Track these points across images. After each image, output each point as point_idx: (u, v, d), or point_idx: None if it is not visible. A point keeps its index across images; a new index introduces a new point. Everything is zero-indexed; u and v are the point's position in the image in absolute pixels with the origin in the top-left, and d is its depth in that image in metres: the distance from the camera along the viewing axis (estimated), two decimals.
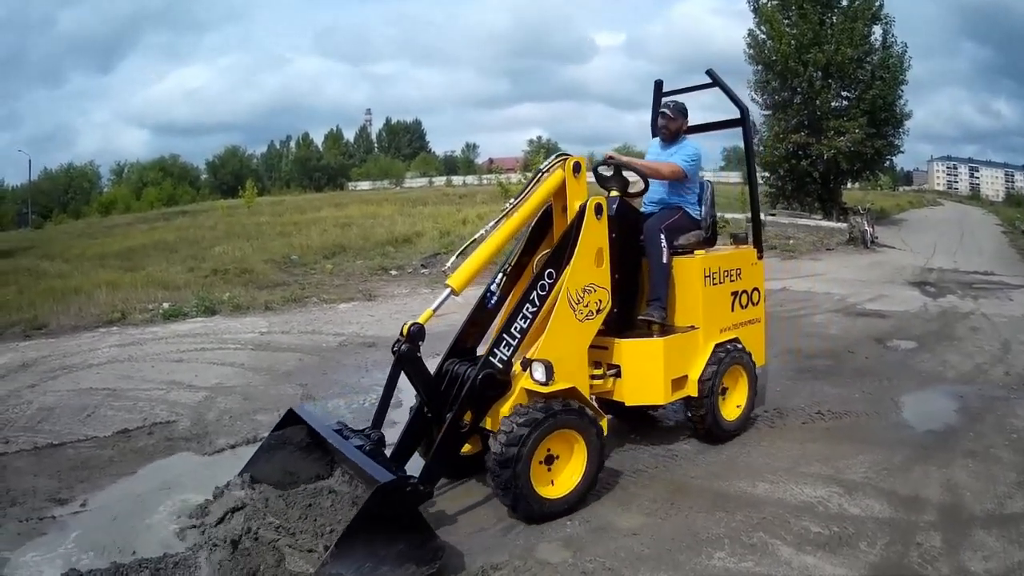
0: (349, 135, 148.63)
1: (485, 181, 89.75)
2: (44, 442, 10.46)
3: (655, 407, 8.25)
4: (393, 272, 24.91)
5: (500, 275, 7.18)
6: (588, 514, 6.60)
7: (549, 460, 6.42)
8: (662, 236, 7.64)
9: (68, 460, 9.77)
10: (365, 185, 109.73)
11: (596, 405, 6.80)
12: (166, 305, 20.54)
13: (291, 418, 7.27)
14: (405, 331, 6.28)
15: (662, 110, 8.26)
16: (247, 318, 18.63)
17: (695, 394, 7.72)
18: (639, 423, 8.68)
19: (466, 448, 6.89)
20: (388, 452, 6.75)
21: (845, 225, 39.40)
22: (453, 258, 6.85)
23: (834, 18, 47.17)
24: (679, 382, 7.64)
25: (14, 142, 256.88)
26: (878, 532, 6.06)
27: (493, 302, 7.13)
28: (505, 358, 6.52)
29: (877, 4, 47.06)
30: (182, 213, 59.47)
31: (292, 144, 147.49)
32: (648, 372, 7.39)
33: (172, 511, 7.38)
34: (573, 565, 5.70)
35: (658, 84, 9.24)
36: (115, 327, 18.80)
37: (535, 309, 6.63)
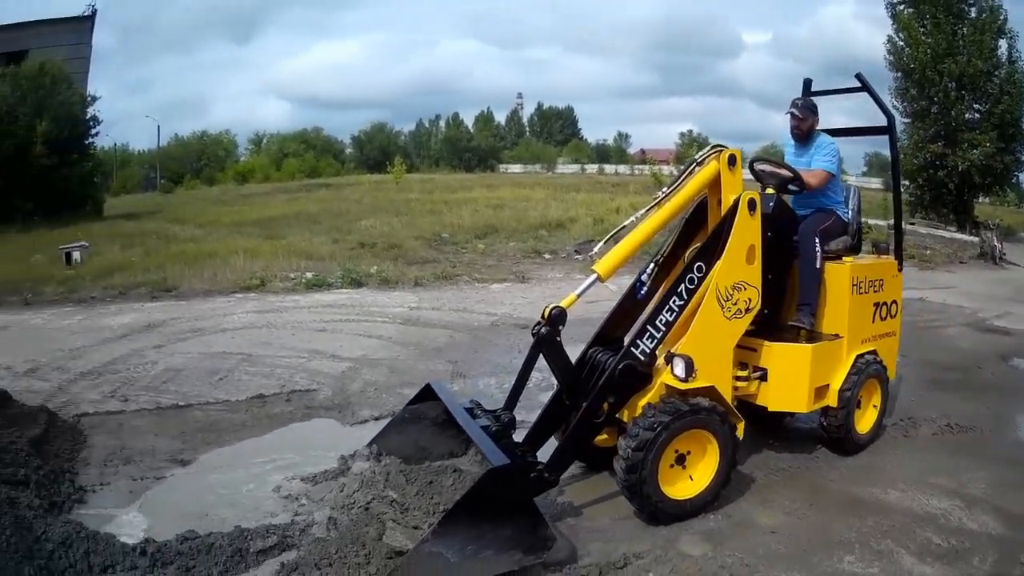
0: (500, 118, 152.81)
1: (637, 171, 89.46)
2: (168, 403, 10.65)
3: (791, 414, 8.44)
4: (547, 256, 25.26)
5: (652, 265, 7.38)
6: (731, 509, 6.94)
7: (681, 459, 6.66)
8: (817, 240, 7.80)
9: (194, 422, 9.90)
10: (516, 168, 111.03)
11: (734, 408, 6.95)
12: (309, 275, 20.78)
13: (427, 393, 7.54)
14: (546, 314, 6.53)
15: (790, 110, 8.38)
16: (395, 292, 19.12)
17: (834, 404, 7.87)
18: (774, 427, 8.89)
19: (603, 439, 7.07)
20: (521, 436, 7.08)
21: (977, 239, 38.45)
22: (601, 244, 7.06)
23: (964, 29, 46.59)
24: (821, 391, 7.80)
25: (143, 108, 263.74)
26: (990, 548, 6.40)
27: (643, 292, 7.31)
28: (648, 350, 6.67)
29: (1001, 18, 46.01)
30: (325, 186, 61.99)
31: (441, 124, 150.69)
32: (794, 378, 7.55)
33: (295, 477, 7.74)
34: (712, 559, 6.04)
35: (807, 83, 9.47)
36: (253, 294, 19.17)
37: (682, 303, 6.79)
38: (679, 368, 6.57)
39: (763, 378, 7.57)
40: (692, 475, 6.70)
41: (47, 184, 39.62)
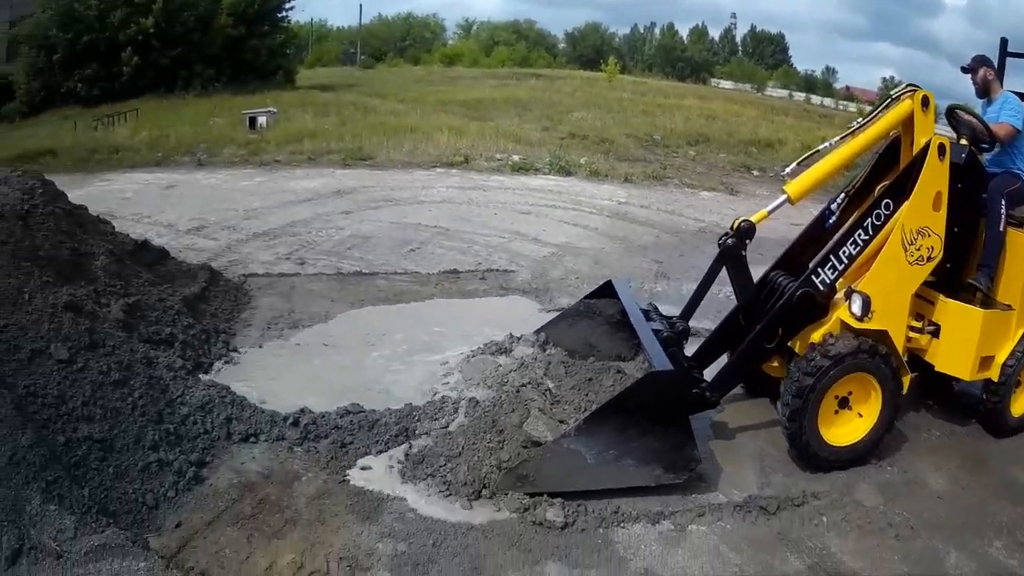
0: (714, 33, 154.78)
1: (841, 106, 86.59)
2: (350, 269, 10.56)
3: (956, 380, 8.02)
4: (755, 172, 25.38)
5: (843, 196, 7.47)
6: (906, 465, 6.94)
7: (843, 403, 6.76)
8: (1003, 201, 7.56)
9: (376, 290, 9.78)
10: (727, 84, 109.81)
11: (903, 359, 6.98)
12: (516, 158, 20.79)
13: (606, 290, 7.78)
14: (735, 226, 6.69)
15: (962, 66, 8.23)
16: (604, 186, 19.25)
17: (995, 378, 7.61)
18: (939, 390, 8.47)
19: (773, 367, 7.40)
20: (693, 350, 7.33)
21: None
22: (794, 165, 7.33)
23: None
24: (986, 362, 7.56)
25: None
26: None
27: (831, 222, 7.43)
28: (828, 280, 6.75)
29: None
30: (535, 76, 61.52)
31: (656, 31, 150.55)
32: (963, 341, 7.43)
33: (465, 353, 7.98)
34: (883, 513, 6.09)
35: (1003, 42, 9.16)
36: (455, 170, 19.11)
37: (867, 237, 6.85)
38: (856, 305, 6.60)
39: (935, 334, 7.50)
40: (855, 418, 6.79)
41: (233, 54, 41.44)
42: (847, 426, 6.76)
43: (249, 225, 12.38)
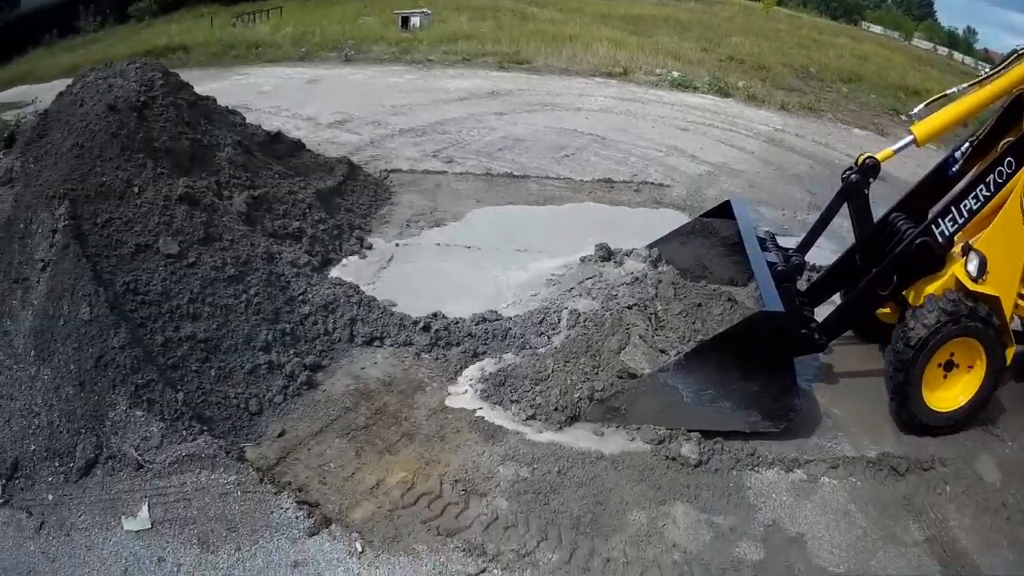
0: None
1: (980, 66, 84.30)
2: (502, 170, 10.03)
3: None
4: (903, 117, 24.01)
5: (967, 145, 7.06)
6: None
7: (949, 367, 6.47)
8: None
9: (527, 194, 9.36)
10: (876, 29, 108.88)
11: (1009, 327, 6.62)
12: (675, 74, 20.12)
13: (725, 209, 7.39)
14: (860, 162, 6.55)
15: None
16: (761, 111, 18.53)
17: None
18: None
19: (885, 312, 7.15)
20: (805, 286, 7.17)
21: None
22: (921, 106, 7.15)
23: None
24: None
25: None
26: None
27: (955, 170, 7.05)
28: (947, 232, 6.48)
29: None
30: None
31: None
32: None
33: (578, 261, 7.62)
34: (999, 492, 5.72)
35: None
36: (614, 81, 18.46)
37: (988, 194, 6.53)
38: (973, 264, 6.36)
39: None
40: (954, 387, 6.49)
41: None
42: (948, 391, 6.50)
43: (396, 121, 11.83)
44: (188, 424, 4.85)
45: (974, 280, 6.33)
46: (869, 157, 6.52)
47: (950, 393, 6.48)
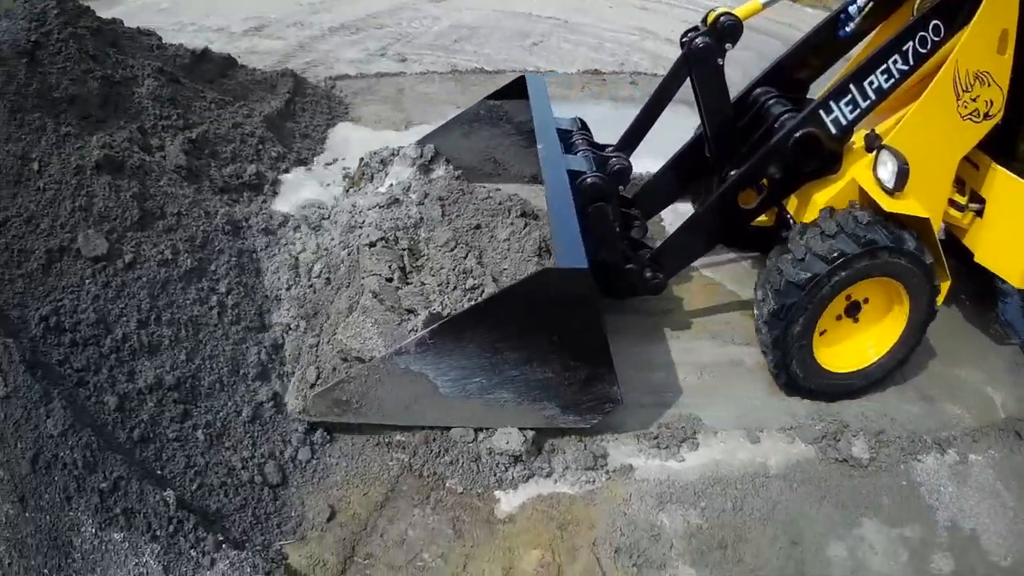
0: None
1: None
2: (469, 66, 8.82)
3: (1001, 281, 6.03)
4: None
5: None
6: None
7: (853, 310, 5.08)
8: None
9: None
10: None
11: (943, 258, 5.15)
12: None
13: (518, 88, 5.78)
14: (710, 19, 5.03)
15: None
16: None
17: None
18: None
19: (762, 220, 5.70)
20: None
21: None
22: None
23: None
24: None
25: None
26: None
27: (848, 30, 5.39)
28: (844, 121, 4.90)
29: None
30: None
31: None
32: (1015, 231, 5.47)
33: None
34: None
35: None
36: None
37: (905, 68, 4.97)
38: (887, 170, 4.78)
39: (979, 213, 5.73)
40: (863, 336, 5.16)
41: None
42: (852, 343, 5.16)
43: (319, 20, 10.25)
44: (194, 537, 3.32)
45: (890, 192, 4.83)
46: (726, 14, 4.96)
47: (855, 346, 5.16)
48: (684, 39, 5.08)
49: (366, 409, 4.09)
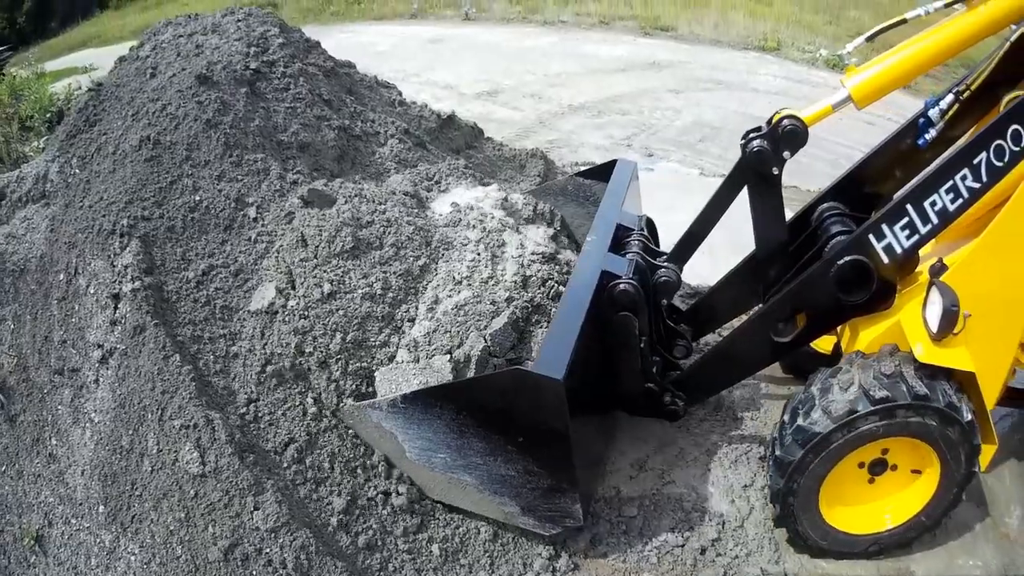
0: None
1: None
2: (714, 169, 8.27)
3: None
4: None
5: (951, 97, 4.37)
6: None
7: (878, 467, 4.35)
8: None
9: None
10: None
11: (991, 420, 4.26)
12: (823, 52, 17.76)
13: (608, 171, 5.54)
14: (773, 122, 4.29)
15: None
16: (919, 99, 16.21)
17: None
18: None
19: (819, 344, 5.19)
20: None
21: None
22: (860, 40, 4.58)
23: None
24: None
25: None
26: None
27: (929, 137, 4.43)
28: (899, 249, 4.16)
29: None
30: None
31: None
32: None
33: None
34: None
35: None
36: (769, 56, 16.63)
37: (977, 186, 4.03)
38: (934, 310, 3.90)
39: None
40: (883, 499, 4.40)
41: None
42: (867, 504, 4.45)
43: (558, 94, 10.05)
44: None
45: (934, 338, 4.02)
46: (791, 118, 4.24)
47: (871, 508, 4.47)
48: (744, 141, 4.46)
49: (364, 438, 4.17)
